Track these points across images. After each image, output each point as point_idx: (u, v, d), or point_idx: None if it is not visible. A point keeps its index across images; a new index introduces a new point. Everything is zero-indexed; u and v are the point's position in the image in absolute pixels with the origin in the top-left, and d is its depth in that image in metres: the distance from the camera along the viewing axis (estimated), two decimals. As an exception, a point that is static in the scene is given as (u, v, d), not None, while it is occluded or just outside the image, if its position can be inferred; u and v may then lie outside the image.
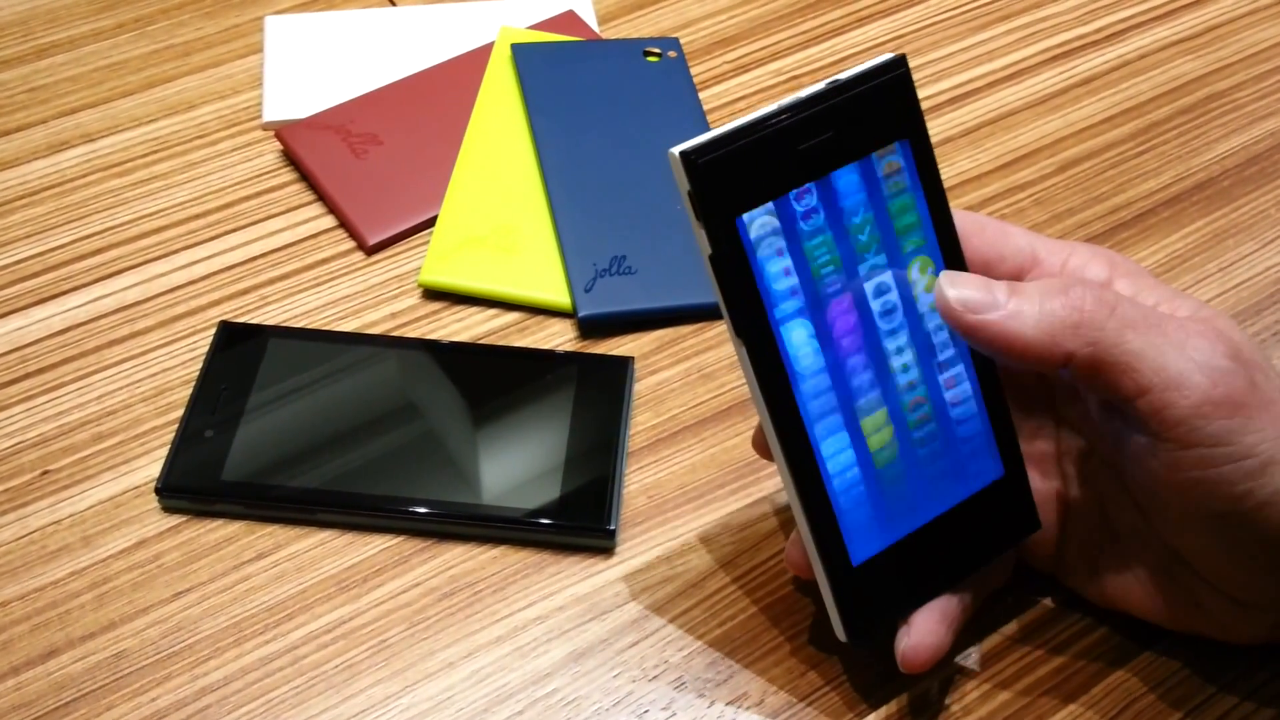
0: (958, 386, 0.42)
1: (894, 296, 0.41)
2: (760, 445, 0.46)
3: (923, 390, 0.42)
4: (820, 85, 0.39)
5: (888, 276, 0.40)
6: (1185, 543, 0.41)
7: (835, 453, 0.41)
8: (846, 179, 0.39)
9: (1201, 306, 0.41)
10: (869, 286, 0.40)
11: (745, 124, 0.38)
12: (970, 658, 0.46)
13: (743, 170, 0.38)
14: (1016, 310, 0.38)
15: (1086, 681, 0.45)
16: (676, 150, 0.37)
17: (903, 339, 0.41)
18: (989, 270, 0.43)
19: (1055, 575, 0.46)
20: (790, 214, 0.39)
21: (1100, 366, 0.38)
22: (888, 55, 0.40)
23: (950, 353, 0.42)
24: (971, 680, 0.45)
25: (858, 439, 0.41)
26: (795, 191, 0.39)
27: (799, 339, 0.39)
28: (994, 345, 0.39)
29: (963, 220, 0.43)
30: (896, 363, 0.41)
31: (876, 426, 0.41)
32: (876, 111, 0.39)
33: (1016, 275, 0.43)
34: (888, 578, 0.42)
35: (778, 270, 0.39)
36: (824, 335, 0.40)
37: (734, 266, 0.38)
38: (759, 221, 0.38)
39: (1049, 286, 0.39)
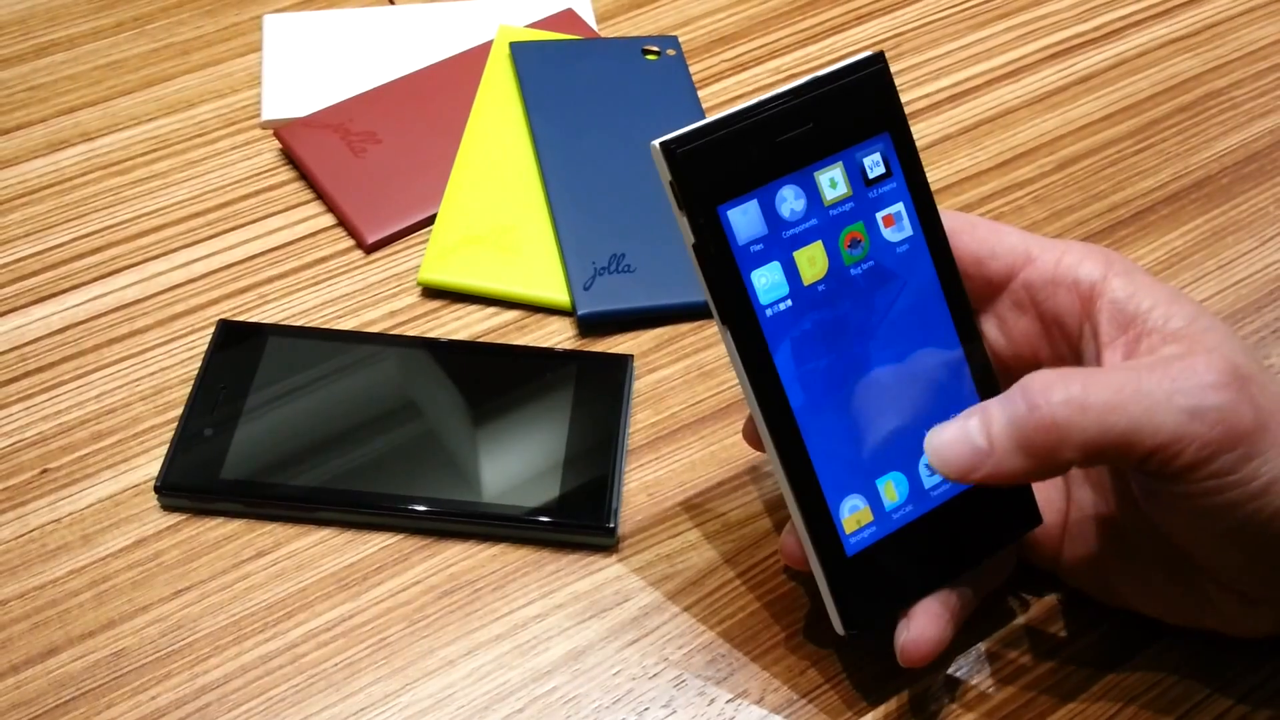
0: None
1: (881, 284, 0.41)
2: (750, 435, 0.46)
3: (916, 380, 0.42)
4: (800, 80, 0.40)
5: (872, 264, 0.41)
6: (1197, 552, 0.41)
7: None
8: (827, 170, 0.40)
9: (1199, 315, 0.40)
10: (854, 274, 0.40)
11: (725, 117, 0.38)
12: (970, 655, 0.46)
13: (723, 161, 0.38)
14: (1002, 451, 0.37)
15: (1085, 680, 0.45)
16: (657, 142, 0.38)
17: (890, 331, 0.41)
18: (980, 267, 0.43)
19: (1057, 573, 0.46)
20: (771, 204, 0.39)
21: (1101, 456, 0.37)
22: (867, 52, 0.41)
23: (943, 341, 0.42)
24: (971, 677, 0.45)
25: None
26: (776, 182, 0.39)
27: (784, 326, 0.39)
28: (1001, 485, 0.39)
29: (954, 220, 0.43)
30: (885, 355, 0.41)
31: None
32: (856, 105, 0.40)
33: (1008, 273, 0.43)
34: (884, 569, 0.42)
35: (760, 259, 0.39)
36: (811, 322, 0.40)
37: (716, 255, 0.39)
38: (740, 210, 0.39)
39: (1015, 408, 0.37)
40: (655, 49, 0.67)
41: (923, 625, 0.42)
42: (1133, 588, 0.44)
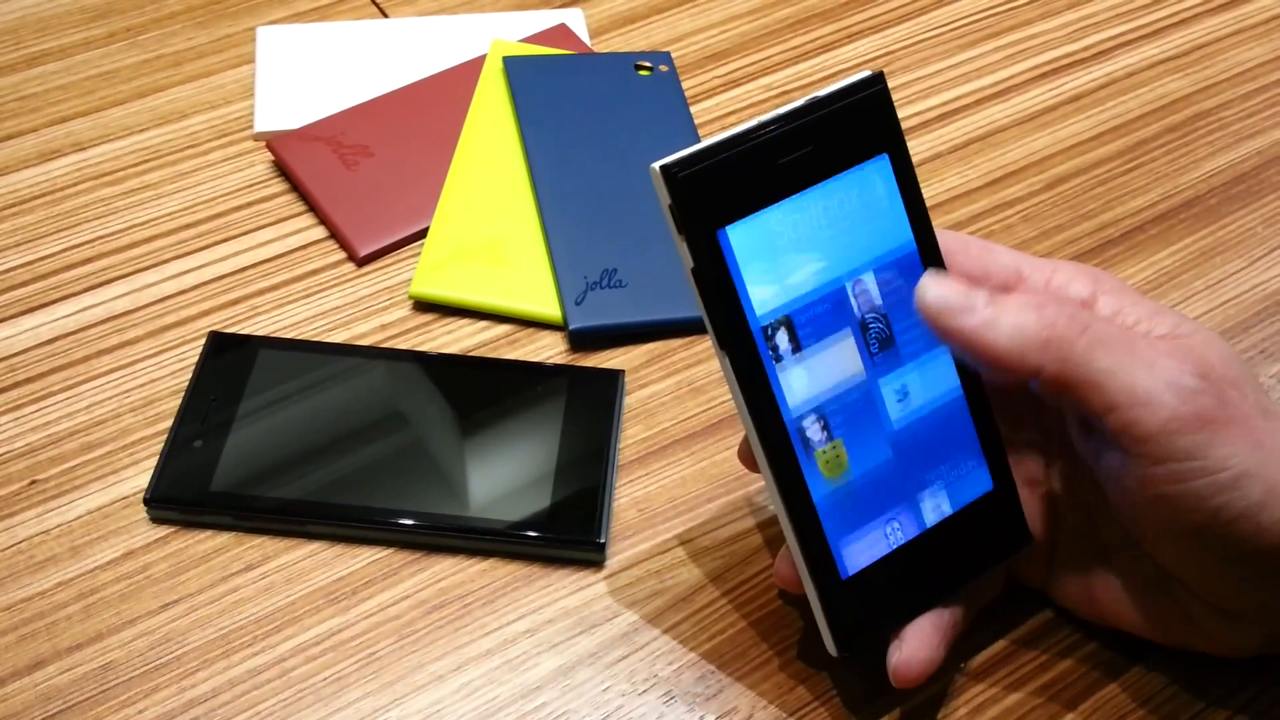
0: (945, 399, 0.42)
1: (878, 307, 0.41)
2: (746, 457, 0.46)
3: (909, 402, 0.42)
4: (800, 101, 0.39)
5: (871, 288, 0.41)
6: (1168, 557, 0.41)
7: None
8: (827, 192, 0.40)
9: (1183, 321, 0.41)
10: (851, 297, 0.41)
11: (725, 139, 0.38)
12: (959, 673, 0.46)
13: (723, 184, 0.38)
14: (992, 319, 0.39)
15: (1076, 697, 0.45)
16: (657, 165, 0.38)
17: (888, 350, 0.41)
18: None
19: (1045, 591, 0.46)
20: (771, 227, 0.39)
21: (1067, 383, 0.38)
22: (866, 72, 0.40)
23: (937, 365, 0.42)
24: (960, 696, 0.45)
25: None
26: (776, 205, 0.39)
27: (783, 350, 0.40)
28: (966, 349, 0.39)
29: (947, 239, 0.43)
30: (882, 375, 0.41)
31: None
32: (855, 126, 0.40)
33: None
34: (878, 591, 0.42)
35: (760, 282, 0.39)
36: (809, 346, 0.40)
37: (716, 279, 0.38)
38: (740, 234, 0.38)
39: (1028, 301, 0.39)
40: (648, 64, 0.67)
41: (915, 646, 0.42)
42: (1120, 607, 0.44)
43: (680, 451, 0.53)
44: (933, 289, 0.40)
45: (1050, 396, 0.40)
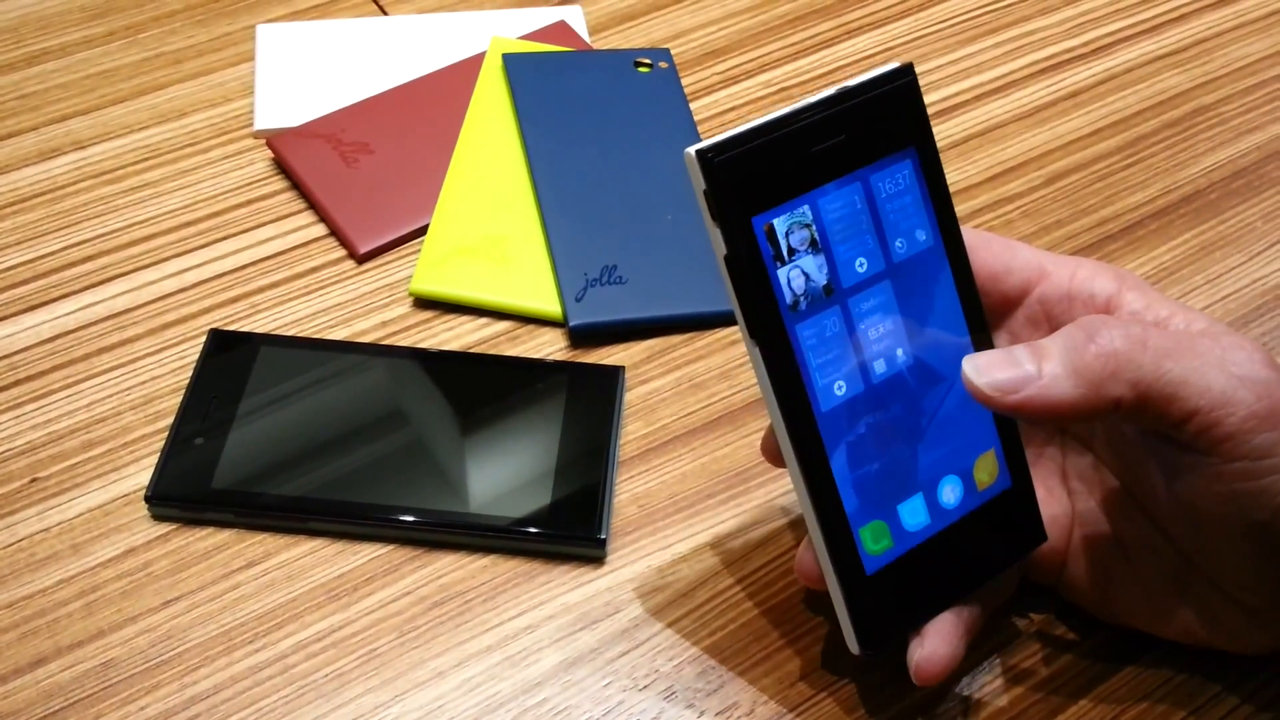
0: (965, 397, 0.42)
1: (905, 300, 0.41)
2: (770, 450, 0.46)
3: (932, 398, 0.42)
4: (830, 90, 0.39)
5: (897, 279, 0.41)
6: (1213, 552, 0.41)
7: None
8: (857, 184, 0.40)
9: (1213, 323, 0.41)
10: (880, 289, 0.40)
11: (758, 125, 0.38)
12: (961, 668, 0.46)
13: (757, 171, 0.38)
14: (1052, 375, 0.38)
15: (1078, 690, 0.45)
16: (693, 149, 0.37)
17: (912, 346, 0.41)
18: (996, 283, 0.43)
19: (1058, 590, 0.46)
20: (803, 215, 0.39)
21: (1148, 402, 0.37)
22: (895, 63, 0.40)
23: (958, 365, 0.42)
24: (962, 689, 0.45)
25: None
26: (810, 194, 0.39)
27: (813, 343, 0.39)
28: (1041, 416, 0.38)
29: (969, 236, 0.43)
30: (907, 370, 0.41)
31: None
32: (886, 117, 0.40)
33: (1023, 288, 0.44)
34: (900, 588, 0.42)
35: (792, 272, 0.39)
36: (839, 337, 0.40)
37: (749, 268, 0.38)
38: (774, 223, 0.38)
39: (1072, 338, 0.38)
40: (647, 61, 0.67)
41: (936, 643, 0.42)
42: (1135, 604, 0.44)
43: (680, 448, 0.53)
44: (978, 375, 0.38)
45: (1129, 420, 0.39)
